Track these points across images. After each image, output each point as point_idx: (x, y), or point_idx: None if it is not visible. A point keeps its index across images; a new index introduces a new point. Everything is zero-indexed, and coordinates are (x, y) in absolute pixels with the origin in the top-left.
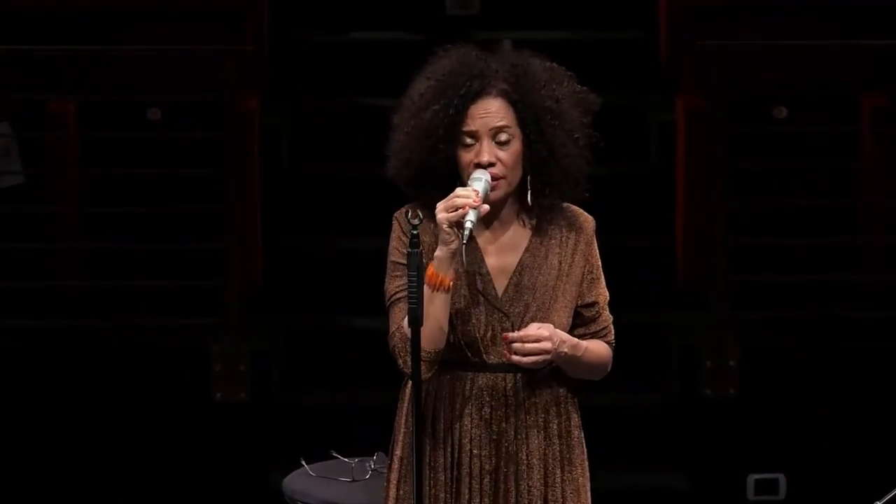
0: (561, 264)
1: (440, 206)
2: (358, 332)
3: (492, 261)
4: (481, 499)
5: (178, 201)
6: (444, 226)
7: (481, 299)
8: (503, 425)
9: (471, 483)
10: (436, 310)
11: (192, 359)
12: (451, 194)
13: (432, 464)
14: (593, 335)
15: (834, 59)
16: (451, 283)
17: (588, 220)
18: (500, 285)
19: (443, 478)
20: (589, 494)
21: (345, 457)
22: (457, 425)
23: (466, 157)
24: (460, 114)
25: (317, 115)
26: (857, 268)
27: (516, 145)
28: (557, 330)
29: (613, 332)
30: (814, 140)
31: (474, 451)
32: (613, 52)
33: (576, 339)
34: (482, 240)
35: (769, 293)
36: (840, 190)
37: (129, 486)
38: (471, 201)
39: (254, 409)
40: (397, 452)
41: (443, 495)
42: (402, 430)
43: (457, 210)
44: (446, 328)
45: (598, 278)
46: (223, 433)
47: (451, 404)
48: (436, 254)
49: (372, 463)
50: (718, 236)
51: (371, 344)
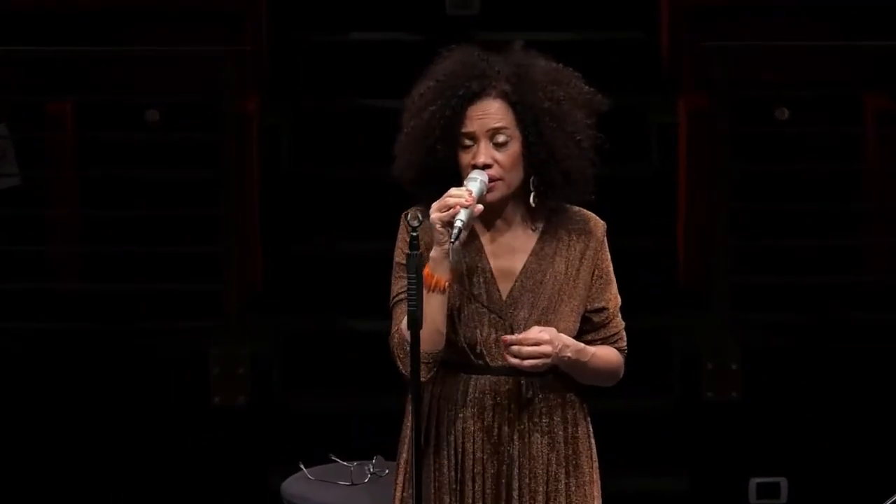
0: (567, 268)
1: (434, 205)
2: (358, 335)
3: (496, 263)
4: (484, 502)
5: (177, 203)
6: (437, 226)
7: (485, 301)
8: (504, 429)
9: (473, 486)
10: (432, 311)
11: (191, 362)
12: (445, 194)
13: (437, 466)
14: (603, 341)
15: (836, 59)
16: (448, 284)
17: (598, 225)
18: (505, 288)
19: (447, 480)
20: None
21: (344, 460)
22: (459, 428)
23: (465, 158)
24: (458, 115)
25: (316, 115)
26: (859, 270)
27: (515, 147)
28: (561, 334)
29: (625, 338)
30: (815, 141)
31: (476, 455)
32: (614, 53)
33: (581, 345)
34: (487, 242)
35: (771, 295)
36: (842, 192)
37: (127, 490)
38: (462, 201)
39: (253, 413)
40: (403, 455)
41: (447, 498)
42: (408, 433)
43: (449, 209)
44: (444, 330)
45: (608, 283)
46: (222, 437)
47: (453, 406)
48: (431, 254)
49: (371, 466)
50: (720, 238)
51: (371, 347)
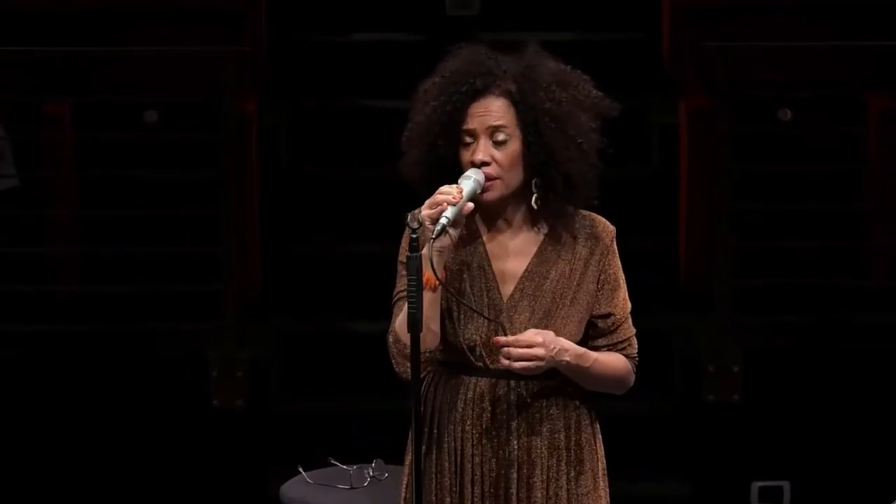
0: (572, 272)
1: (426, 202)
2: (358, 337)
3: (498, 264)
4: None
5: (176, 204)
6: (426, 222)
7: (485, 303)
8: (503, 431)
9: (472, 488)
10: (424, 309)
11: (190, 364)
12: (437, 191)
13: (437, 468)
14: (611, 347)
15: (838, 59)
16: (437, 283)
17: (606, 229)
18: (506, 290)
19: (447, 482)
20: None
21: (343, 464)
22: (458, 429)
23: (466, 155)
24: (460, 111)
25: (316, 116)
26: (861, 271)
27: (514, 146)
28: (559, 338)
29: (636, 345)
30: (817, 142)
31: (475, 458)
32: (615, 53)
33: (582, 350)
34: (489, 243)
35: (773, 297)
36: (844, 192)
37: (127, 493)
38: (450, 198)
39: (251, 416)
40: (409, 456)
41: (448, 499)
42: (411, 436)
43: (437, 206)
44: (436, 328)
45: (616, 289)
46: (221, 439)
47: (453, 408)
48: (422, 252)
49: (370, 470)
50: (721, 239)
51: (371, 349)
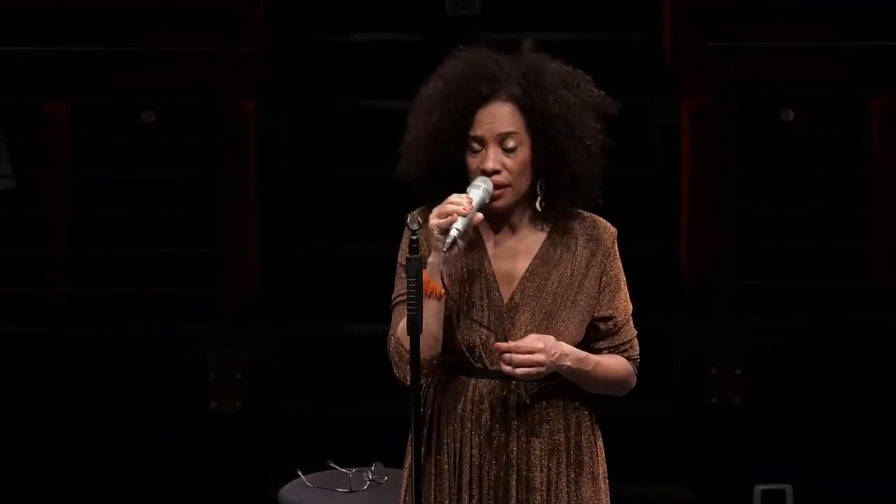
0: (573, 274)
1: (434, 211)
2: (357, 339)
3: (499, 266)
4: None
5: (174, 205)
6: (435, 232)
7: (485, 304)
8: (502, 433)
9: (471, 490)
10: (429, 317)
11: (188, 366)
12: (446, 200)
13: (437, 470)
14: (613, 349)
15: (841, 60)
16: (444, 292)
17: (607, 231)
18: (507, 291)
19: (447, 484)
20: None
21: (342, 467)
22: (458, 431)
23: (473, 162)
24: (468, 118)
25: (316, 116)
26: (865, 273)
27: (524, 152)
28: (560, 343)
29: (638, 347)
30: (818, 142)
31: (474, 459)
32: (616, 53)
33: (584, 353)
34: (490, 244)
35: (775, 299)
36: (847, 194)
37: (125, 495)
38: (461, 209)
39: (250, 418)
40: (409, 458)
41: (447, 502)
42: (411, 437)
43: (447, 216)
44: (440, 335)
45: (617, 291)
46: (219, 442)
47: (453, 409)
48: (429, 260)
49: (369, 473)
50: (724, 241)
51: (370, 352)
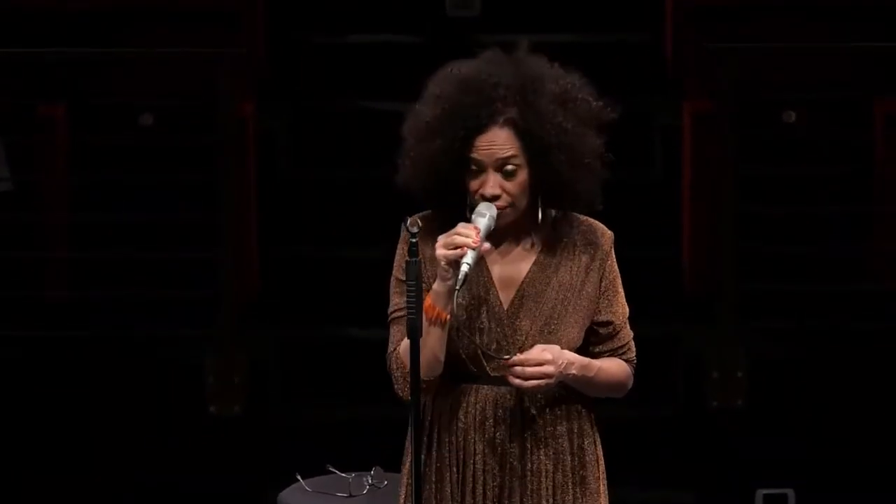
0: (572, 279)
1: (440, 240)
2: (356, 343)
3: (498, 272)
4: None
5: (172, 208)
6: (442, 262)
7: (485, 311)
8: (507, 440)
9: (475, 498)
10: (432, 341)
11: (186, 371)
12: (453, 230)
13: (438, 476)
14: (611, 353)
15: (843, 62)
16: (448, 318)
17: (605, 235)
18: (506, 297)
19: (449, 492)
20: None
21: (341, 471)
22: (461, 439)
23: (473, 184)
24: (466, 144)
25: (315, 118)
26: (867, 277)
27: (523, 175)
28: (564, 351)
29: (634, 349)
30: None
31: (477, 466)
32: (617, 55)
33: (586, 360)
34: (489, 250)
35: (777, 302)
36: (850, 196)
37: (123, 500)
38: (470, 241)
39: (249, 423)
40: (407, 463)
41: None
42: (407, 444)
43: (456, 248)
44: (442, 357)
45: (615, 295)
46: (218, 447)
47: (454, 417)
48: (434, 287)
49: (369, 478)
50: (726, 244)
51: (370, 356)
